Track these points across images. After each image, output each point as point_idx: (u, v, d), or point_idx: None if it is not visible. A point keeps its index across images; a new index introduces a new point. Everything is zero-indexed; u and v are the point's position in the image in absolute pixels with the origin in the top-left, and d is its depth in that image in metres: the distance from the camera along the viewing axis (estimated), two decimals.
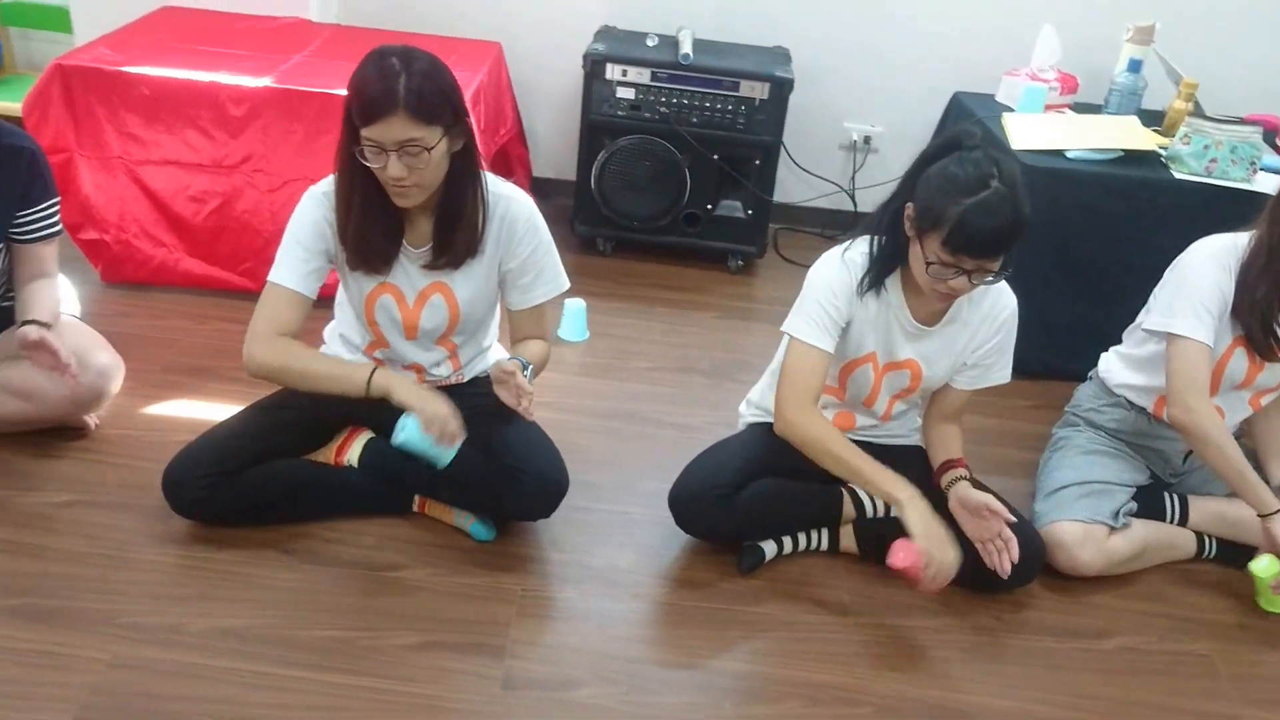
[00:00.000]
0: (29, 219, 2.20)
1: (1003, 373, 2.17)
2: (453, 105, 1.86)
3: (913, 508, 1.93)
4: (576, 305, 3.00)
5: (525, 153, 3.63)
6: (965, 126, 1.96)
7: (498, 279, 2.10)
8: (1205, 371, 2.12)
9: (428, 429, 1.90)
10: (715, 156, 3.30)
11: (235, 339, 2.72)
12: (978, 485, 2.10)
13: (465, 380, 2.24)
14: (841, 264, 2.03)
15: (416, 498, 2.23)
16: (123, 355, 2.37)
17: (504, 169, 3.45)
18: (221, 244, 2.89)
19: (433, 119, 1.82)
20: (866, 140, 3.71)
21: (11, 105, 3.42)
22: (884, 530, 2.13)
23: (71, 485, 2.21)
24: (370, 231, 1.96)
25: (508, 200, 2.04)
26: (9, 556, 2.00)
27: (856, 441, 2.04)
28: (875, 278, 2.01)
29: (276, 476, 2.12)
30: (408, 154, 1.82)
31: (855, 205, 3.76)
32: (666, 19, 3.49)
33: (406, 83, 1.78)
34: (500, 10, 3.51)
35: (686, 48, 3.24)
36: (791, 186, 3.73)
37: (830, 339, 2.02)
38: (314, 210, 1.99)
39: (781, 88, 3.24)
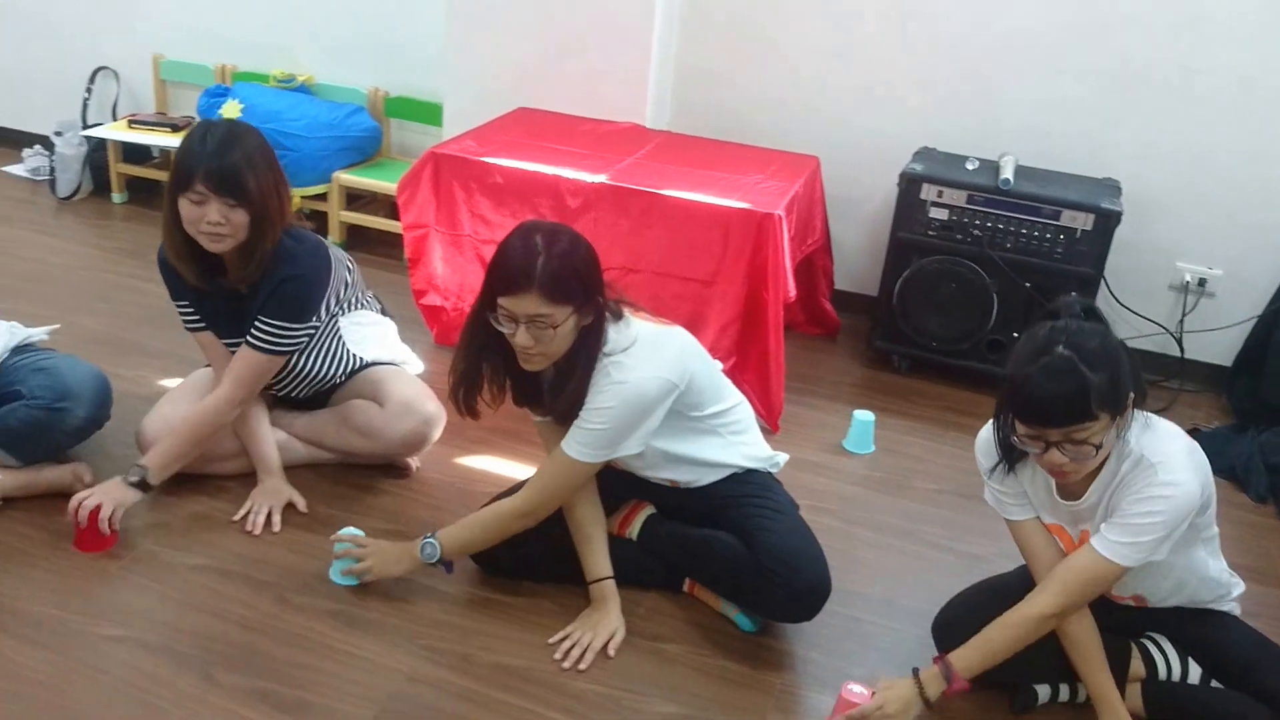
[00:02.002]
0: (261, 327, 2.44)
1: (1115, 539, 1.92)
2: (585, 286, 2.04)
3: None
4: (865, 417, 3.11)
5: (830, 263, 3.82)
6: (1065, 298, 1.95)
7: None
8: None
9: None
10: (1027, 284, 3.35)
11: None
12: None
13: (703, 484, 2.35)
14: (983, 443, 2.08)
15: (687, 580, 2.41)
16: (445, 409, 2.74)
17: (807, 278, 3.65)
18: None
19: (564, 299, 1.99)
20: (1201, 282, 3.61)
21: (384, 184, 4.04)
22: (1180, 698, 2.08)
23: (390, 517, 2.58)
24: (477, 379, 2.19)
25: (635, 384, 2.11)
26: (327, 564, 2.37)
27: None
28: (1006, 459, 2.02)
29: (553, 543, 2.36)
30: (536, 326, 2.01)
31: (1182, 351, 3.65)
32: (990, 144, 3.61)
33: (544, 263, 1.97)
34: (822, 126, 3.76)
35: (1008, 173, 3.34)
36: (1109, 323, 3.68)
37: (1027, 508, 2.06)
38: None
39: (1107, 220, 3.26)
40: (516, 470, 2.79)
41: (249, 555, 2.41)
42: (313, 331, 2.54)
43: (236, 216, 2.29)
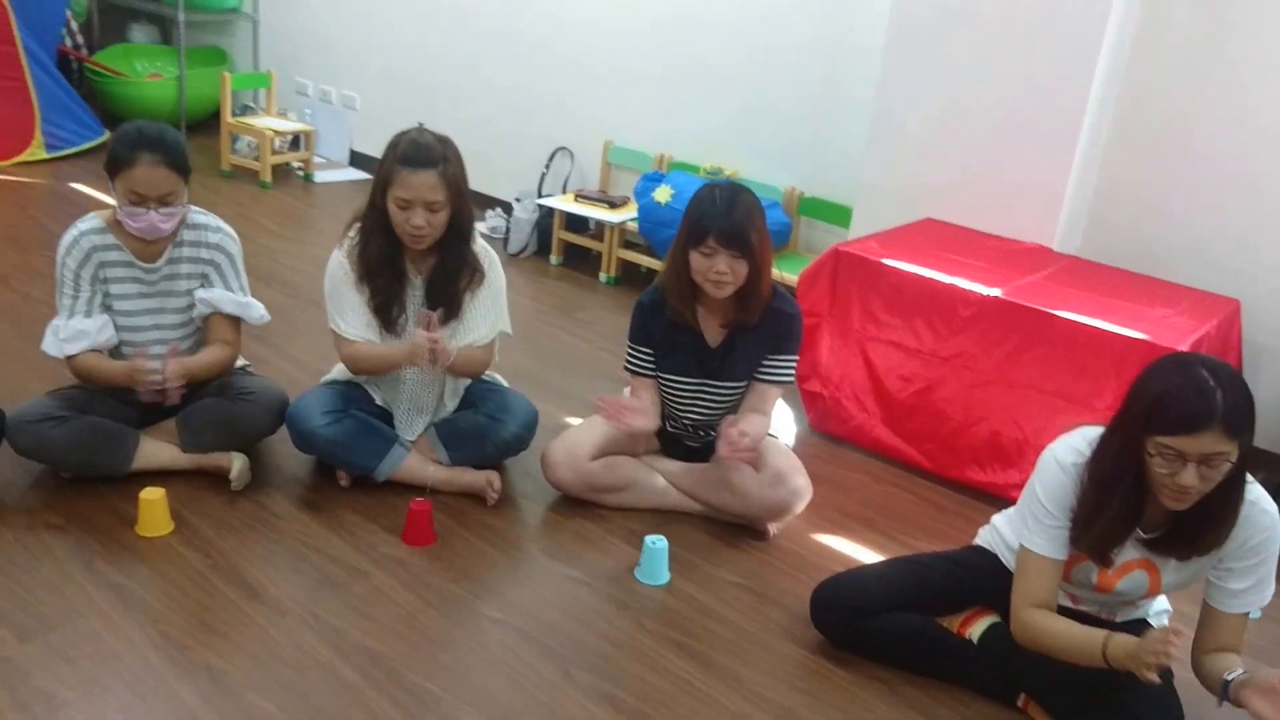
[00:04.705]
0: (772, 365, 2.92)
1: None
2: (1251, 420, 2.01)
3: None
4: None
5: None
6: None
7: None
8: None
9: None
10: None
11: (902, 503, 3.21)
12: None
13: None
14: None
15: (1022, 695, 2.45)
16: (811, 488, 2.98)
17: None
18: (914, 421, 3.41)
19: (1240, 434, 1.99)
20: None
21: (789, 275, 4.38)
22: None
23: (743, 572, 2.83)
24: (1117, 521, 2.16)
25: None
26: (685, 603, 2.66)
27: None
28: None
29: (902, 625, 2.50)
30: (1208, 466, 1.99)
31: None
32: None
33: (1225, 398, 1.96)
34: (1245, 267, 3.60)
35: None
36: None
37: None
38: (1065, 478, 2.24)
39: None
40: (863, 554, 2.95)
41: (618, 578, 2.75)
42: None
43: (739, 267, 2.71)
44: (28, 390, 3.06)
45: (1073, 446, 2.23)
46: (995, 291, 3.23)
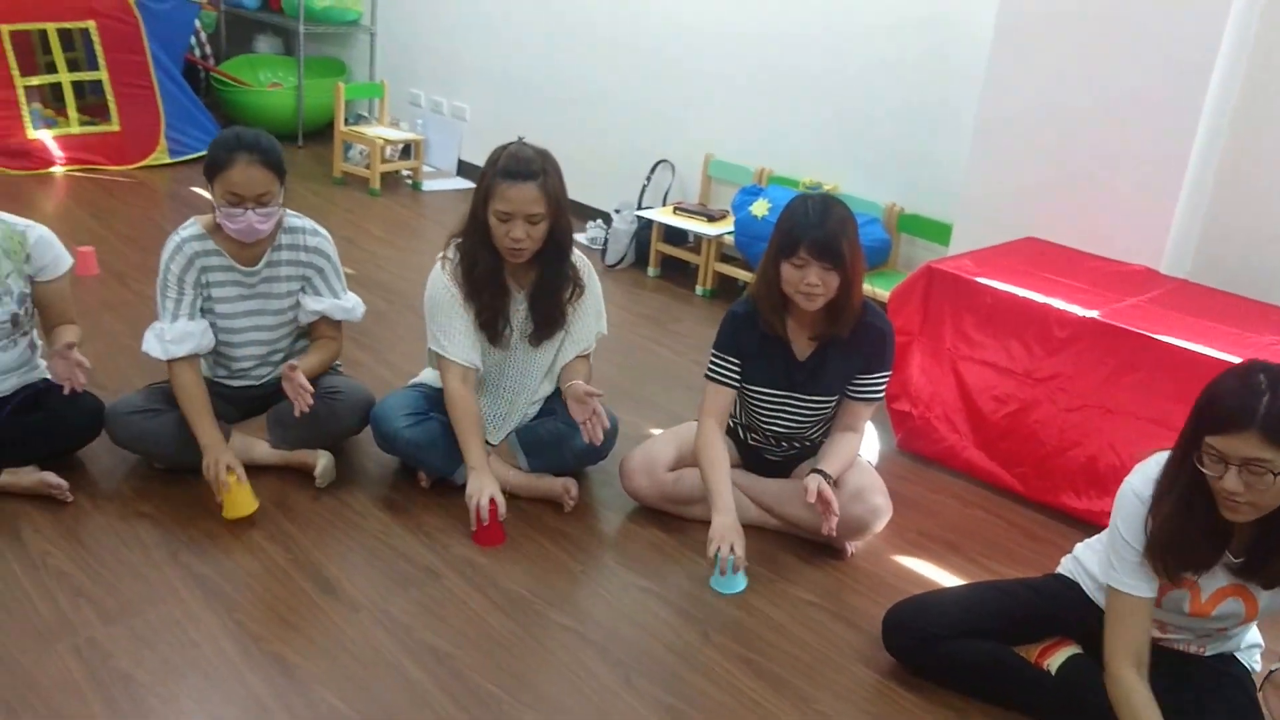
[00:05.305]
0: (864, 382, 2.88)
1: None
2: None
3: None
4: None
5: None
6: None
7: None
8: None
9: None
10: None
11: (989, 528, 3.13)
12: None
13: None
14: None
15: None
16: (893, 508, 2.92)
17: None
18: (1007, 444, 3.32)
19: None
20: None
21: (883, 293, 4.31)
22: None
23: (818, 591, 2.79)
24: (1190, 533, 2.09)
25: None
26: (755, 618, 2.63)
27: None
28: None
29: (978, 652, 2.42)
30: (1249, 472, 1.93)
31: None
32: None
33: (1270, 403, 1.90)
34: None
35: None
36: None
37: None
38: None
39: None
40: (947, 579, 2.88)
41: (688, 590, 2.73)
42: None
43: (830, 279, 2.69)
44: (133, 385, 3.20)
45: (1148, 476, 2.17)
46: (1093, 313, 3.12)
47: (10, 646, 2.30)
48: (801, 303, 2.74)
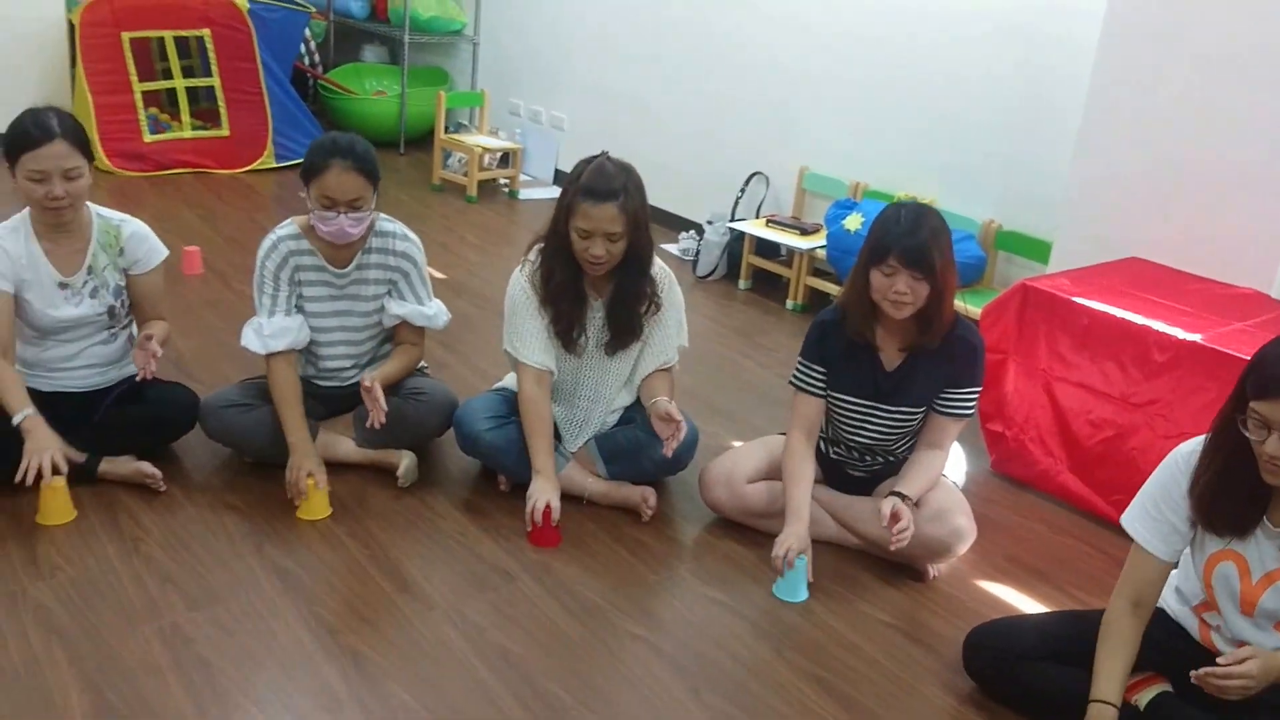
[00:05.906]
0: (952, 397, 2.82)
1: None
2: None
3: None
4: None
5: None
6: None
7: None
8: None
9: None
10: None
11: (1081, 556, 3.05)
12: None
13: None
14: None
15: None
16: (980, 532, 2.86)
17: None
18: (1103, 470, 3.22)
19: None
20: None
21: (975, 310, 4.23)
22: None
23: (896, 612, 2.74)
24: (1231, 497, 2.09)
25: None
26: (830, 637, 2.60)
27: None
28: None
29: (1062, 680, 2.34)
30: None
31: None
32: None
33: None
34: None
35: None
36: None
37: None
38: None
39: None
40: (1030, 605, 2.80)
41: (762, 605, 2.71)
42: None
43: (920, 288, 2.66)
44: (228, 380, 3.31)
45: (1196, 445, 2.18)
46: (1195, 336, 3.01)
47: (99, 624, 2.40)
48: (889, 311, 2.71)
